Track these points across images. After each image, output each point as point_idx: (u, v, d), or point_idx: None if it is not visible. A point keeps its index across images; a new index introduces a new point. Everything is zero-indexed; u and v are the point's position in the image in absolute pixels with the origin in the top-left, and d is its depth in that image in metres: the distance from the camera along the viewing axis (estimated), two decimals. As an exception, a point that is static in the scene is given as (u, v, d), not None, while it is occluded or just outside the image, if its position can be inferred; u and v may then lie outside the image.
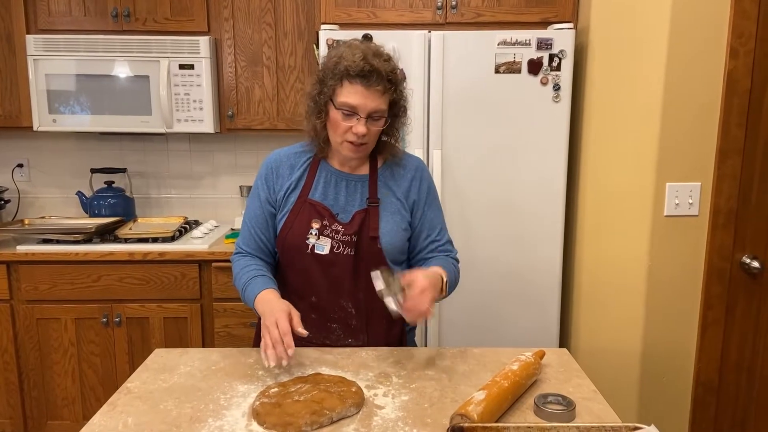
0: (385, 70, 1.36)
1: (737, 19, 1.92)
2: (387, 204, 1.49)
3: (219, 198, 3.02)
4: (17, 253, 2.41)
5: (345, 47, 1.40)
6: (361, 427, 1.11)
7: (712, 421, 2.16)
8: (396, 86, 1.40)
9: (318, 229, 1.45)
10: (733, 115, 1.97)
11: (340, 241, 1.45)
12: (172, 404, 1.20)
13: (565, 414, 1.14)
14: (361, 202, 1.48)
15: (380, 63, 1.36)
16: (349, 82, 1.36)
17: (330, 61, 1.40)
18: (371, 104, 1.36)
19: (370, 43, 1.43)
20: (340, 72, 1.36)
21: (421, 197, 1.53)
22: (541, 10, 2.43)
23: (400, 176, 1.52)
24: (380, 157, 1.51)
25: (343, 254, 1.45)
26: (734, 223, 2.03)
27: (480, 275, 2.38)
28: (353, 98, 1.36)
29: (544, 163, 2.32)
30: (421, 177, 1.54)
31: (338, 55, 1.39)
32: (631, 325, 2.19)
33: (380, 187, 1.50)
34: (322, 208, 1.46)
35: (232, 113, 2.65)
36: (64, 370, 2.50)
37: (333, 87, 1.38)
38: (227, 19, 2.59)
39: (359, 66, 1.34)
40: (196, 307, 2.48)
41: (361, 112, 1.37)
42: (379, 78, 1.35)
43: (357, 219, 1.46)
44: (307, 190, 1.48)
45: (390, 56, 1.42)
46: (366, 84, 1.35)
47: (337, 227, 1.45)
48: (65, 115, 2.57)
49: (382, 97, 1.38)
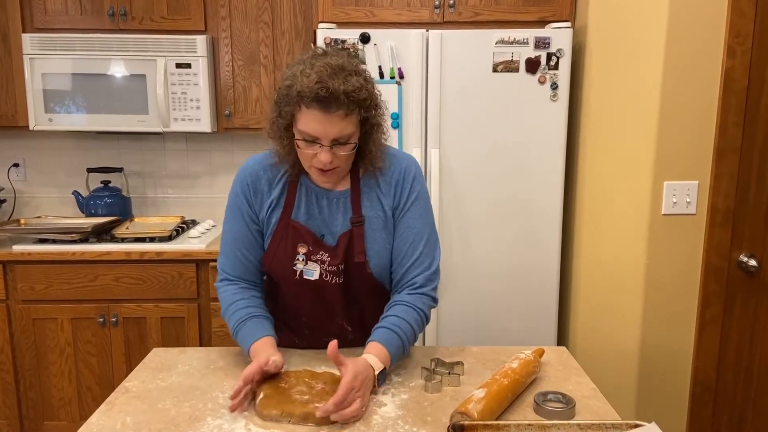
0: (347, 90, 1.17)
1: (734, 18, 1.93)
2: (372, 220, 1.36)
3: (216, 197, 3.01)
4: (13, 253, 2.40)
5: (300, 64, 1.23)
6: (362, 426, 1.11)
7: (710, 420, 2.16)
8: (361, 105, 1.22)
9: (305, 254, 1.35)
10: (730, 113, 1.97)
11: (327, 271, 1.35)
12: (171, 403, 1.20)
13: (565, 412, 1.14)
14: (344, 221, 1.36)
15: (339, 83, 1.17)
16: (306, 107, 1.19)
17: (284, 83, 1.23)
18: (333, 130, 1.21)
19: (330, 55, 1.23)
20: (294, 96, 1.20)
21: (401, 203, 1.37)
22: (538, 9, 2.43)
23: (386, 182, 1.38)
24: (361, 166, 1.36)
25: (332, 282, 1.36)
26: (732, 222, 2.03)
27: (477, 274, 2.38)
28: (311, 126, 1.21)
29: (542, 161, 2.32)
30: (404, 180, 1.38)
31: (292, 75, 1.22)
32: (629, 323, 2.19)
33: (364, 200, 1.37)
34: (306, 233, 1.35)
35: (229, 112, 2.64)
36: (61, 370, 2.48)
37: (290, 112, 1.23)
38: (224, 18, 2.58)
39: (314, 90, 1.16)
40: (193, 307, 2.47)
41: (322, 140, 1.22)
42: (338, 102, 1.18)
43: (342, 244, 1.34)
44: (289, 210, 1.36)
45: (356, 68, 1.23)
46: (324, 109, 1.18)
47: (323, 256, 1.35)
48: (61, 114, 2.56)
49: (344, 120, 1.21)
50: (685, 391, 2.19)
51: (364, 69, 1.27)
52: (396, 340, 1.29)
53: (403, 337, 1.30)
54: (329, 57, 1.22)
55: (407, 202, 1.38)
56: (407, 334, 1.31)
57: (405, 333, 1.31)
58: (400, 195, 1.37)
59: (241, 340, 1.32)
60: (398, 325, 1.30)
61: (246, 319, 1.33)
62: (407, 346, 1.34)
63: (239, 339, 1.32)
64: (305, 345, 1.47)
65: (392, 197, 1.38)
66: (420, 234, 1.38)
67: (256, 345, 1.27)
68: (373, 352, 1.25)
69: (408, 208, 1.38)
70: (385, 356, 1.25)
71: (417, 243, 1.37)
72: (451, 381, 1.28)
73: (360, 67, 1.26)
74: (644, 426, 0.97)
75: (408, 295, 1.36)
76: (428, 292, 1.38)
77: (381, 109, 1.30)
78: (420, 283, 1.37)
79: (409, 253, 1.37)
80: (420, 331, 1.37)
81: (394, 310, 1.34)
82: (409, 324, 1.32)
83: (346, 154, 1.27)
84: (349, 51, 1.29)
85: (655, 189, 2.07)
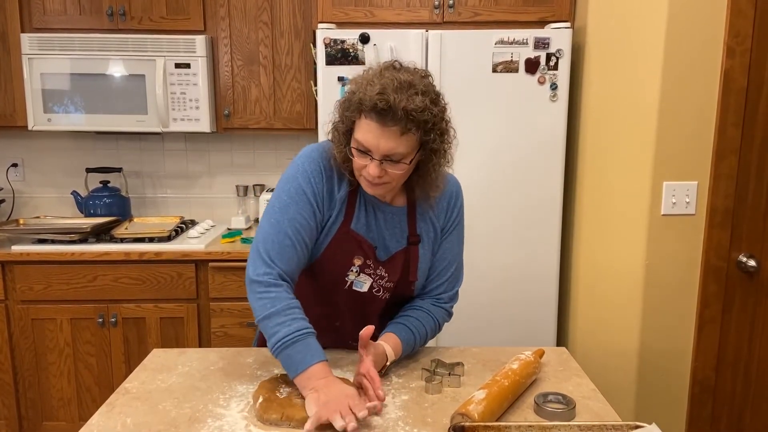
0: (407, 107, 1.13)
1: (734, 18, 1.93)
2: (425, 240, 1.38)
3: (215, 197, 3.01)
4: (12, 253, 2.39)
5: (369, 73, 1.22)
6: (362, 427, 1.11)
7: (709, 420, 2.16)
8: (422, 126, 1.17)
9: (360, 266, 1.34)
10: (729, 114, 1.97)
11: (382, 286, 1.36)
12: (171, 404, 1.20)
13: (566, 413, 1.14)
14: (401, 238, 1.36)
15: (402, 99, 1.13)
16: (365, 117, 1.18)
17: (350, 88, 1.23)
18: (386, 145, 1.17)
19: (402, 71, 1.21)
20: (355, 103, 1.19)
21: (447, 225, 1.41)
22: (538, 9, 2.43)
23: (438, 204, 1.38)
24: (417, 187, 1.32)
25: (380, 297, 1.38)
26: (731, 222, 2.03)
27: (477, 274, 2.38)
28: (365, 137, 1.18)
29: (541, 162, 2.32)
30: (454, 204, 1.41)
31: (358, 82, 1.21)
32: (628, 323, 2.19)
33: (419, 221, 1.37)
34: (367, 246, 1.33)
35: (229, 112, 2.64)
36: (60, 370, 2.48)
37: (350, 118, 1.22)
38: (223, 18, 2.58)
39: (373, 101, 1.14)
40: (192, 307, 2.47)
41: (374, 153, 1.19)
42: (395, 117, 1.14)
43: (399, 262, 1.35)
44: (350, 218, 1.32)
45: (425, 88, 1.18)
46: (381, 122, 1.16)
47: (381, 272, 1.35)
48: (60, 114, 2.55)
49: (400, 138, 1.17)
50: (684, 391, 2.19)
51: (435, 92, 1.22)
52: (411, 342, 1.37)
53: (417, 341, 1.39)
54: (401, 72, 1.20)
55: (452, 225, 1.42)
56: (419, 339, 1.40)
57: (420, 337, 1.39)
58: (448, 218, 1.41)
59: (295, 353, 1.19)
60: (417, 328, 1.38)
61: (307, 334, 1.21)
62: (416, 349, 1.43)
63: (292, 351, 1.19)
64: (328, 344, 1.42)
65: (443, 219, 1.41)
66: (455, 257, 1.44)
67: (316, 369, 1.17)
68: (391, 344, 1.32)
69: (451, 231, 1.42)
70: (398, 352, 1.33)
71: (451, 265, 1.44)
72: (452, 382, 1.29)
73: (431, 88, 1.21)
74: (645, 427, 0.97)
75: (432, 305, 1.44)
76: (448, 308, 1.47)
77: (447, 136, 1.26)
78: (444, 300, 1.45)
79: (442, 272, 1.43)
80: (431, 338, 1.45)
81: (416, 314, 1.41)
82: (425, 329, 1.41)
83: (397, 173, 1.22)
84: (425, 72, 1.25)
85: (655, 189, 2.07)
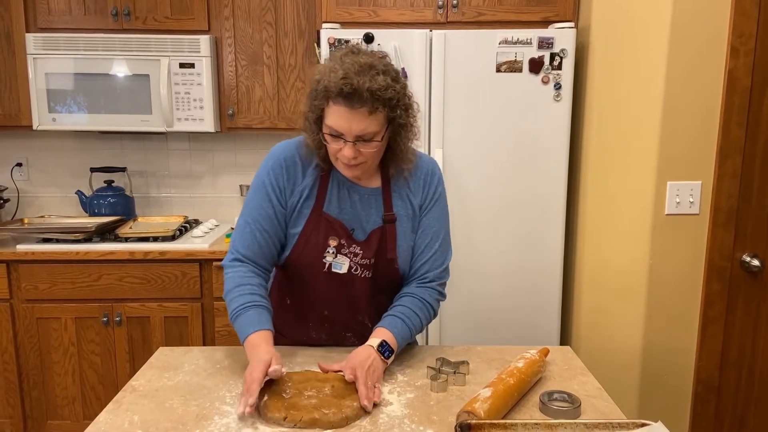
0: (371, 87, 1.20)
1: (738, 18, 1.93)
2: (402, 218, 1.41)
3: (219, 197, 3.02)
4: (17, 252, 2.40)
5: (330, 61, 1.27)
6: (368, 425, 1.11)
7: (713, 419, 2.16)
8: (388, 104, 1.24)
9: (335, 247, 1.37)
10: (733, 114, 1.98)
11: (359, 264, 1.38)
12: (178, 402, 1.20)
13: (571, 411, 1.14)
14: (376, 218, 1.39)
15: (365, 80, 1.20)
16: (333, 102, 1.23)
17: (315, 78, 1.28)
18: (357, 126, 1.23)
19: (361, 54, 1.27)
20: (321, 91, 1.24)
21: (425, 201, 1.43)
22: (542, 9, 2.43)
23: (414, 182, 1.42)
24: (391, 165, 1.39)
25: (360, 276, 1.39)
26: (735, 222, 2.03)
27: (481, 273, 2.38)
28: (336, 121, 1.24)
29: (545, 161, 2.32)
30: (430, 180, 1.44)
31: (323, 71, 1.26)
32: (632, 322, 2.19)
33: (395, 199, 1.41)
34: (339, 226, 1.37)
35: (233, 112, 2.64)
36: (64, 369, 2.49)
37: (319, 106, 1.27)
38: (227, 18, 2.58)
39: (339, 86, 1.20)
40: (196, 306, 2.47)
41: (346, 135, 1.25)
42: (361, 99, 1.20)
43: (374, 239, 1.38)
44: (321, 202, 1.37)
45: (386, 68, 1.25)
46: (349, 105, 1.21)
47: (356, 249, 1.37)
48: (65, 114, 2.56)
49: (368, 118, 1.23)
50: (688, 389, 2.19)
51: (395, 70, 1.28)
52: (399, 324, 1.36)
53: (407, 321, 1.37)
54: (359, 55, 1.26)
55: (431, 202, 1.43)
56: (411, 319, 1.38)
57: (408, 318, 1.37)
58: (425, 194, 1.43)
59: (239, 326, 1.30)
60: (403, 312, 1.38)
61: (250, 305, 1.31)
62: (413, 331, 1.39)
63: (238, 324, 1.31)
64: (323, 338, 1.48)
65: (420, 196, 1.42)
66: (437, 233, 1.43)
67: (254, 337, 1.26)
68: (375, 335, 1.32)
69: (430, 207, 1.43)
70: (387, 335, 1.32)
71: (433, 242, 1.43)
72: (457, 380, 1.29)
73: (390, 67, 1.27)
74: (651, 425, 0.98)
75: (416, 288, 1.43)
76: (436, 286, 1.44)
77: (411, 110, 1.32)
78: (430, 278, 1.43)
79: (425, 250, 1.43)
80: (427, 320, 1.43)
81: (400, 301, 1.41)
82: (413, 311, 1.39)
83: (371, 151, 1.28)
84: (383, 53, 1.31)
85: (659, 189, 2.08)
